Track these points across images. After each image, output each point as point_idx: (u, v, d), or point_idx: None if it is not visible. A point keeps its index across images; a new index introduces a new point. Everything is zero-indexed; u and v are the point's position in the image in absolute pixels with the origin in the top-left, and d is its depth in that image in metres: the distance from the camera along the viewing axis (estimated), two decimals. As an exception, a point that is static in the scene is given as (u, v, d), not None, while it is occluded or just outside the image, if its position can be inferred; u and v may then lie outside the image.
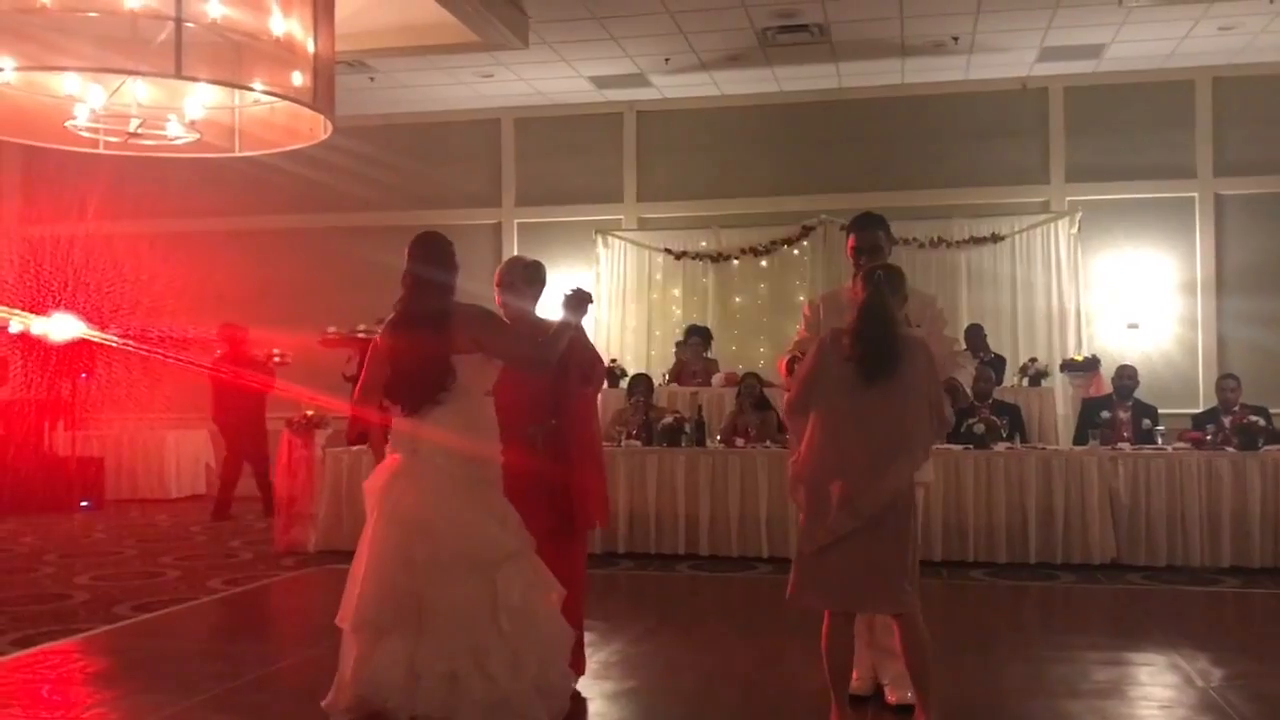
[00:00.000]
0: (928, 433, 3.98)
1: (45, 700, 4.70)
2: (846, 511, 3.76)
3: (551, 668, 4.00)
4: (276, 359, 10.86)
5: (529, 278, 4.67)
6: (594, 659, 5.04)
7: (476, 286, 4.44)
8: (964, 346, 4.43)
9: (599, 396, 10.31)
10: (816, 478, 3.86)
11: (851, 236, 4.62)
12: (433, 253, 4.08)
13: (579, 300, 4.22)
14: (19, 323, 11.30)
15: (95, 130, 7.39)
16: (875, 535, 3.79)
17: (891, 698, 4.41)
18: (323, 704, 3.89)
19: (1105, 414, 8.81)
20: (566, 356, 4.36)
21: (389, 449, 4.07)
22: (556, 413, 4.56)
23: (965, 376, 4.60)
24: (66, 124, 7.18)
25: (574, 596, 4.35)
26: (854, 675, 4.15)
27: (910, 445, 3.88)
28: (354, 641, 3.85)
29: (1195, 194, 11.42)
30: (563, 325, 4.20)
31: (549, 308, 4.57)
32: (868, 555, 3.79)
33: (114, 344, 11.50)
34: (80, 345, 11.47)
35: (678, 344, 11.30)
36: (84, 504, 11.24)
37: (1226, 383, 8.89)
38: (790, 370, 4.36)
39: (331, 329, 9.32)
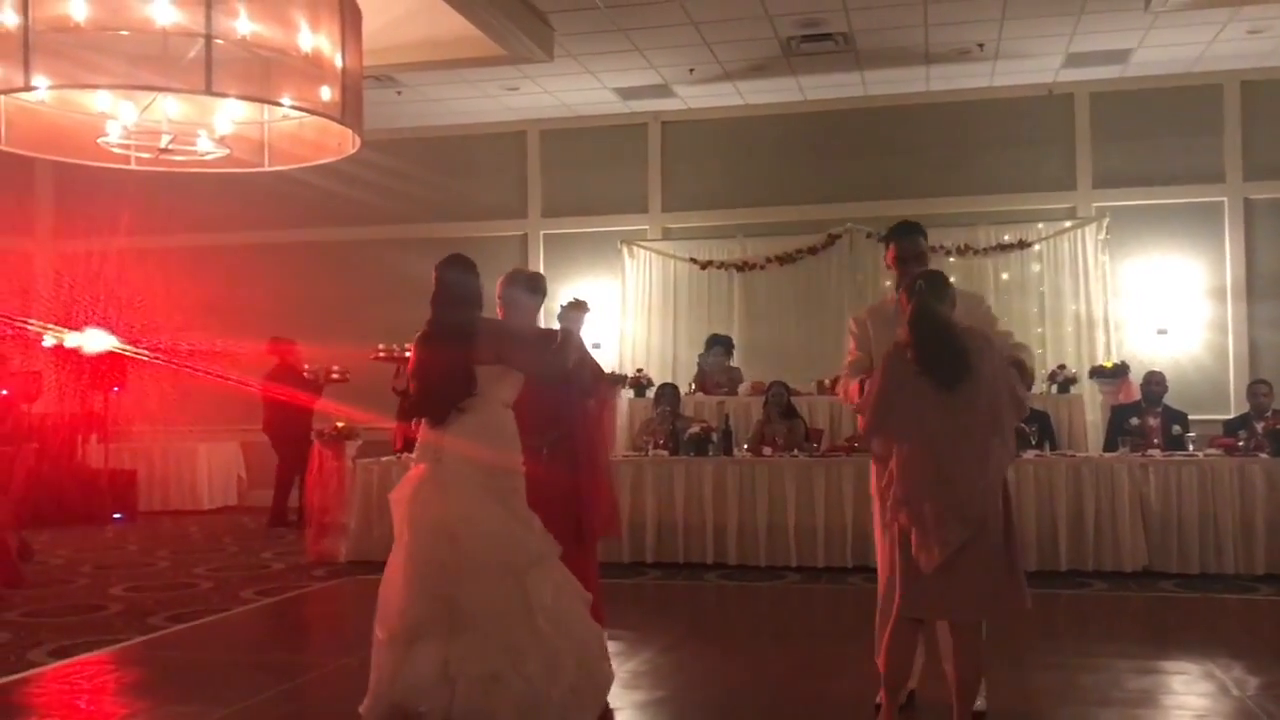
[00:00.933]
0: (1012, 419, 3.97)
1: (81, 711, 4.77)
2: (958, 522, 3.75)
3: (589, 669, 4.06)
4: (335, 376, 10.98)
5: (531, 288, 4.78)
6: (623, 669, 5.04)
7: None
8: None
9: (617, 407, 10.40)
10: (920, 496, 3.81)
11: (891, 246, 4.58)
12: (457, 272, 4.24)
13: (576, 308, 4.45)
14: (52, 337, 11.44)
15: (127, 147, 7.47)
16: (986, 539, 3.79)
17: None
18: (360, 709, 3.92)
19: (1135, 420, 8.76)
20: (569, 370, 4.46)
21: (413, 462, 4.15)
22: (560, 425, 4.64)
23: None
24: (98, 140, 7.27)
25: (590, 606, 4.38)
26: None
27: (1002, 437, 3.88)
28: (388, 651, 3.88)
29: (1224, 198, 11.32)
30: (567, 333, 4.37)
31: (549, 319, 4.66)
32: (985, 561, 3.79)
33: (145, 358, 11.62)
34: (112, 359, 11.60)
35: (700, 355, 11.28)
36: (117, 516, 11.34)
37: (1258, 388, 8.82)
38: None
39: (381, 347, 9.41)
